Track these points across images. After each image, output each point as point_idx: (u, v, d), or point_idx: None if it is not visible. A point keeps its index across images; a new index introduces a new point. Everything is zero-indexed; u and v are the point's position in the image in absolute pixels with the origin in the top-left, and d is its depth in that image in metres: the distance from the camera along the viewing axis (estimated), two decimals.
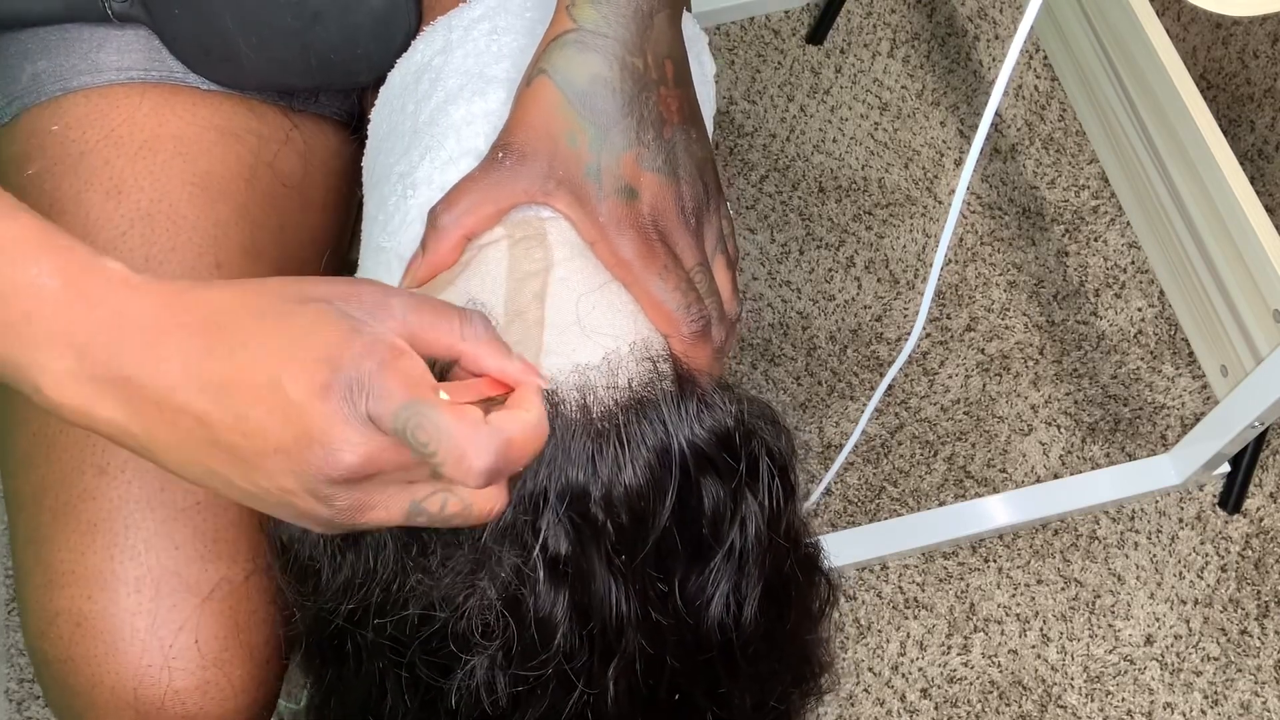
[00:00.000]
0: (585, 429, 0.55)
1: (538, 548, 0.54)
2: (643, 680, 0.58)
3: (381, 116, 0.72)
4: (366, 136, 0.73)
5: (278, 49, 0.74)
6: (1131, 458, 1.28)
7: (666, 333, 0.60)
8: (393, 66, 0.72)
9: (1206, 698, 1.18)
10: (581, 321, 0.58)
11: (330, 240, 0.82)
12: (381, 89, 0.73)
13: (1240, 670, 1.19)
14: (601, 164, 0.59)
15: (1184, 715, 1.18)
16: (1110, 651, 1.20)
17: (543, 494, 0.54)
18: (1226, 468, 1.25)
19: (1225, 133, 1.06)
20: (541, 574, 0.54)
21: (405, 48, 0.72)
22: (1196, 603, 1.22)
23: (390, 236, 0.64)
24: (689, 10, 0.77)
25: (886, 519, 1.26)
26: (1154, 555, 1.24)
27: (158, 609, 0.65)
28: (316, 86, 0.79)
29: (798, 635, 0.66)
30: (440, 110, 0.66)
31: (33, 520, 0.68)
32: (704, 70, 0.75)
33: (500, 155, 0.60)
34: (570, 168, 0.59)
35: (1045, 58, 1.49)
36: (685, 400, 0.57)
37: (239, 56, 0.74)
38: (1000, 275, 1.37)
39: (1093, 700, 1.18)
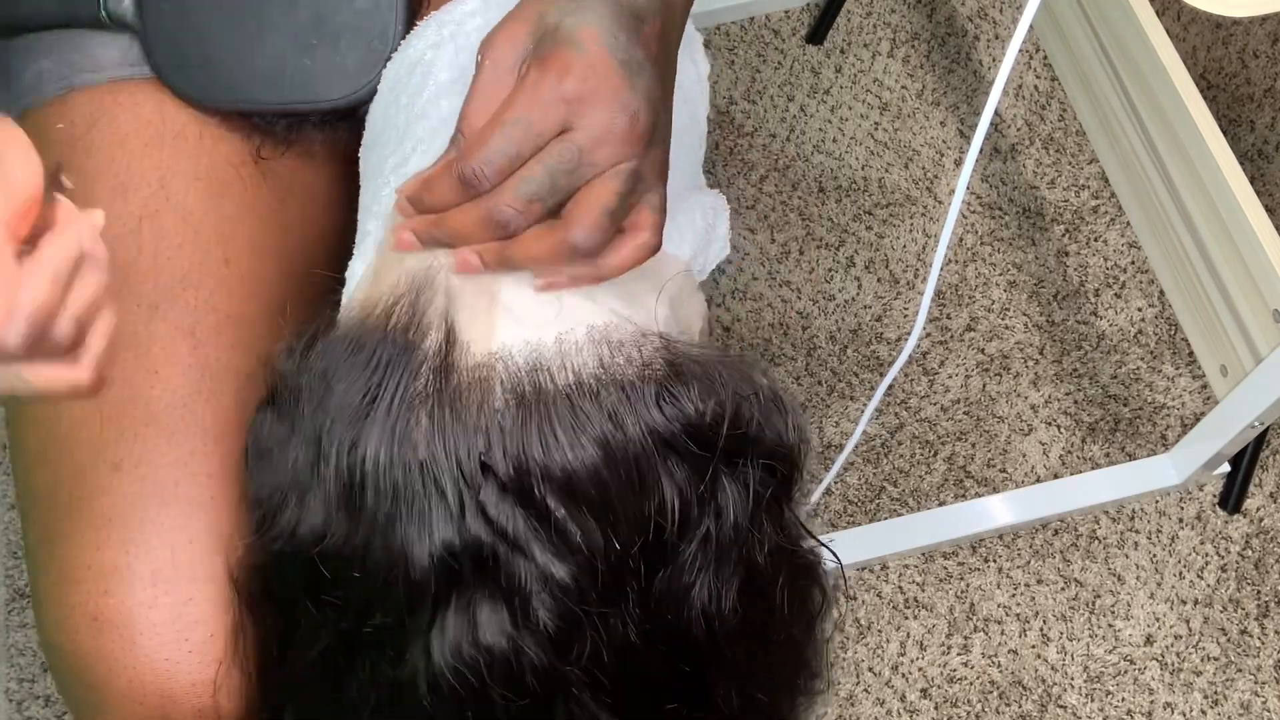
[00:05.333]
0: (538, 410, 0.55)
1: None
2: (624, 671, 0.57)
3: (376, 110, 0.73)
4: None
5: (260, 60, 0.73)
6: (1131, 458, 1.28)
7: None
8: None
9: (1206, 698, 1.18)
10: (536, 298, 0.58)
11: (336, 234, 0.82)
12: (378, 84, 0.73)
13: (1240, 670, 1.19)
14: (572, 23, 0.57)
15: (1184, 715, 1.18)
16: (1110, 651, 1.20)
17: (483, 467, 0.55)
18: (1226, 468, 1.25)
19: (1225, 133, 1.06)
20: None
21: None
22: (1196, 603, 1.22)
23: (383, 225, 0.66)
24: None
25: (886, 519, 1.26)
26: (1154, 555, 1.24)
27: (173, 603, 0.65)
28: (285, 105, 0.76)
29: (790, 636, 0.66)
30: (432, 104, 0.68)
31: (46, 517, 0.68)
32: (699, 70, 0.76)
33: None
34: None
35: (1045, 58, 1.49)
36: (643, 386, 0.57)
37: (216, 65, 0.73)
38: (1000, 275, 1.37)
39: (1093, 700, 1.18)
